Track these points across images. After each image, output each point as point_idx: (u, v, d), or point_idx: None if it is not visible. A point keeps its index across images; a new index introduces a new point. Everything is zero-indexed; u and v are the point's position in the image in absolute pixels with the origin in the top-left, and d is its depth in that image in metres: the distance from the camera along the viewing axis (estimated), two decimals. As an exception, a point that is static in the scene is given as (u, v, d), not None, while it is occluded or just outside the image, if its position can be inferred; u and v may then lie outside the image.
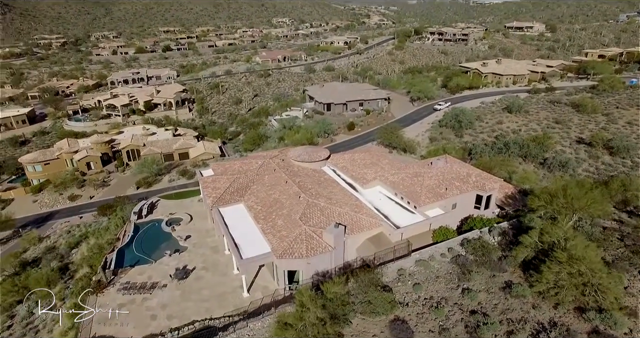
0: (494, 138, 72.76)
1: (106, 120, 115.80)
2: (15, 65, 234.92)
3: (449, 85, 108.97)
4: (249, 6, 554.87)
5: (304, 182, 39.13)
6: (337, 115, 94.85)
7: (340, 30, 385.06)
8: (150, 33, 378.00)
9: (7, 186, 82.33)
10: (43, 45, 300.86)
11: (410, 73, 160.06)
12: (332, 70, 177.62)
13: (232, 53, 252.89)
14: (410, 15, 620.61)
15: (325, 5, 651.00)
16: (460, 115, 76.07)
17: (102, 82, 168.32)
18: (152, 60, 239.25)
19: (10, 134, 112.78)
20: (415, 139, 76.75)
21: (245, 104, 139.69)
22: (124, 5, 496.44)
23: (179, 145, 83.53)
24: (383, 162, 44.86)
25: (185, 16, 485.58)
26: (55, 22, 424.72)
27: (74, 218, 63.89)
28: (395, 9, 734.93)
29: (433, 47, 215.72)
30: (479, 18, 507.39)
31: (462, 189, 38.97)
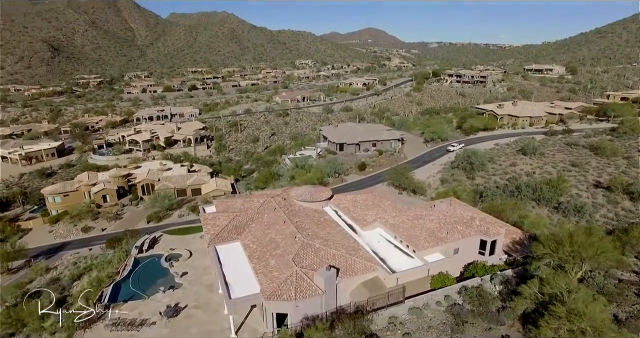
0: (506, 180, 71.23)
1: (128, 154, 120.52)
2: (55, 103, 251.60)
3: (463, 127, 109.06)
4: (274, 49, 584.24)
5: (302, 222, 38.95)
6: (349, 155, 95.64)
7: (361, 72, 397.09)
8: (179, 73, 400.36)
9: (29, 216, 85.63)
10: (82, 84, 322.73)
11: (428, 114, 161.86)
12: (349, 111, 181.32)
13: (255, 93, 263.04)
14: (430, 58, 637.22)
15: (347, 49, 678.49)
16: (472, 157, 75.34)
17: (129, 118, 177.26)
18: (178, 99, 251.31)
19: (39, 166, 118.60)
20: (426, 180, 76.06)
21: (262, 142, 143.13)
22: (157, 48, 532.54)
23: (192, 181, 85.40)
24: (385, 204, 44.40)
25: (213, 57, 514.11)
26: (95, 63, 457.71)
27: (84, 250, 65.08)
28: (416, 52, 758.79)
29: (451, 88, 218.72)
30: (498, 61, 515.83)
31: (465, 233, 37.80)
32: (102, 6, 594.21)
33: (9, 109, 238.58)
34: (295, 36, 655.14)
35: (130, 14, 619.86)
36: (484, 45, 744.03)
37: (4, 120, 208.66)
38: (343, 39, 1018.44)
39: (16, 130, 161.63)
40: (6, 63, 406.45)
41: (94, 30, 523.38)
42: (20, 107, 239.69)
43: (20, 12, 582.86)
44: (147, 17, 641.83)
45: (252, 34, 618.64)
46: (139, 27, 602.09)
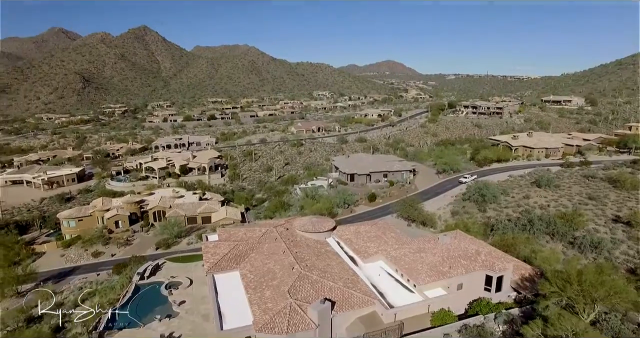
0: (519, 213, 69.28)
1: (144, 181, 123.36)
2: (81, 130, 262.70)
3: (476, 158, 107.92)
4: (292, 80, 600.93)
5: (302, 253, 38.57)
6: (360, 186, 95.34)
7: (378, 103, 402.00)
8: (200, 103, 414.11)
9: (44, 239, 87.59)
10: (107, 113, 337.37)
11: (443, 145, 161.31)
12: (364, 142, 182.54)
13: (272, 123, 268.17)
14: (447, 89, 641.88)
15: (365, 80, 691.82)
16: (484, 189, 73.99)
17: (148, 146, 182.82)
18: (197, 128, 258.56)
19: (60, 190, 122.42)
20: (437, 212, 74.75)
21: (275, 171, 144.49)
22: (180, 79, 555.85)
23: (203, 209, 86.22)
24: (388, 236, 43.68)
25: (233, 88, 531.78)
26: (121, 93, 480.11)
27: (92, 275, 65.61)
28: (433, 83, 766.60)
29: (467, 120, 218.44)
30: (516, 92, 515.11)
31: (469, 268, 36.59)
32: (132, 40, 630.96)
33: (39, 136, 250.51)
34: (314, 68, 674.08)
35: (157, 47, 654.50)
36: (501, 76, 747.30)
37: (34, 146, 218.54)
38: (361, 71, 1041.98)
39: (43, 156, 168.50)
40: (42, 94, 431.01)
41: (122, 63, 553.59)
42: (50, 135, 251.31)
43: (60, 47, 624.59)
44: (172, 50, 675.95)
45: (272, 66, 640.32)
46: (164, 59, 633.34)
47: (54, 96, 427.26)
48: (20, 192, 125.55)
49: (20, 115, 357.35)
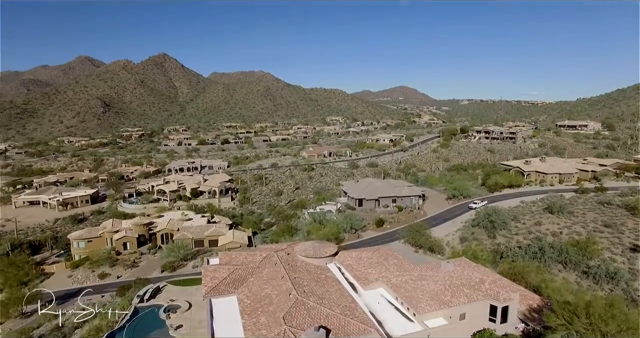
0: (530, 240, 67.24)
1: (155, 204, 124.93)
2: (99, 153, 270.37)
3: (487, 183, 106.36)
4: (306, 105, 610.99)
5: (301, 279, 38.02)
6: (368, 211, 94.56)
7: (391, 128, 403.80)
8: (215, 127, 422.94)
9: (54, 260, 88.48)
10: (125, 136, 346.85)
11: (455, 170, 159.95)
12: (375, 167, 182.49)
13: (284, 147, 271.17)
14: (461, 114, 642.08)
15: (378, 106, 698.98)
16: (493, 215, 72.40)
17: (162, 169, 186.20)
18: (210, 152, 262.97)
19: (73, 211, 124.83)
20: (445, 238, 73.26)
21: (285, 196, 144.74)
22: (196, 103, 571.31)
23: (210, 233, 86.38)
24: (390, 262, 42.83)
25: (247, 113, 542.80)
26: (139, 117, 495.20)
27: (97, 297, 65.59)
28: (446, 109, 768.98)
29: (479, 145, 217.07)
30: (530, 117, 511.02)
31: (471, 297, 35.41)
32: (152, 67, 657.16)
33: (60, 158, 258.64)
34: (327, 94, 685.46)
35: (175, 73, 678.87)
36: (515, 102, 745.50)
37: (54, 168, 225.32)
38: (375, 97, 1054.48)
39: (61, 178, 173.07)
40: (65, 118, 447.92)
41: (142, 88, 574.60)
42: (70, 157, 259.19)
43: (85, 74, 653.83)
44: (190, 76, 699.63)
45: (286, 91, 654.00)
46: (182, 85, 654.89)
47: (76, 120, 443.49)
48: (36, 212, 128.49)
49: (43, 138, 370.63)
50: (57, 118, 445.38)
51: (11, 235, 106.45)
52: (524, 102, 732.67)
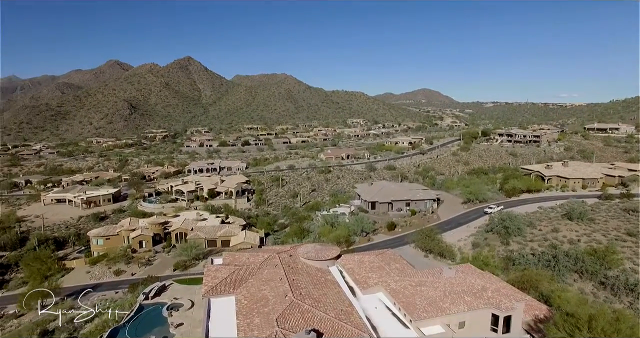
0: (545, 248, 65.04)
1: (173, 203, 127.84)
2: (125, 153, 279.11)
3: (504, 188, 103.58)
4: (327, 108, 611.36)
5: (299, 281, 38.09)
6: (381, 214, 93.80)
7: (412, 131, 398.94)
8: (236, 129, 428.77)
9: (75, 256, 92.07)
10: (149, 137, 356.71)
11: (475, 174, 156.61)
12: (392, 169, 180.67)
13: (304, 149, 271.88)
14: (485, 117, 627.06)
15: (400, 108, 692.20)
16: (507, 221, 70.43)
17: (182, 169, 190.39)
18: (231, 153, 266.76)
19: (96, 210, 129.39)
20: (457, 243, 71.82)
21: (301, 197, 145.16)
22: (219, 106, 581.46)
23: (223, 233, 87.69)
24: (392, 267, 42.33)
25: (269, 115, 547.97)
26: (164, 119, 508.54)
27: (111, 293, 67.80)
28: (470, 111, 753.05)
29: (501, 148, 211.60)
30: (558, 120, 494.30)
31: (472, 305, 34.55)
32: (176, 70, 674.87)
33: (88, 158, 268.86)
34: (349, 96, 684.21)
35: (199, 76, 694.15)
36: (542, 104, 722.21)
37: (82, 168, 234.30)
38: (397, 99, 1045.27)
39: (87, 177, 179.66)
40: (94, 119, 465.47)
41: (166, 91, 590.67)
42: (97, 157, 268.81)
43: (114, 77, 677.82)
44: (213, 78, 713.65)
45: (307, 94, 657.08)
46: (205, 87, 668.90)
47: (104, 121, 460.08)
48: (62, 209, 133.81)
49: (74, 139, 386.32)
50: (87, 119, 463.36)
51: (38, 231, 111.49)
52: (551, 105, 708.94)
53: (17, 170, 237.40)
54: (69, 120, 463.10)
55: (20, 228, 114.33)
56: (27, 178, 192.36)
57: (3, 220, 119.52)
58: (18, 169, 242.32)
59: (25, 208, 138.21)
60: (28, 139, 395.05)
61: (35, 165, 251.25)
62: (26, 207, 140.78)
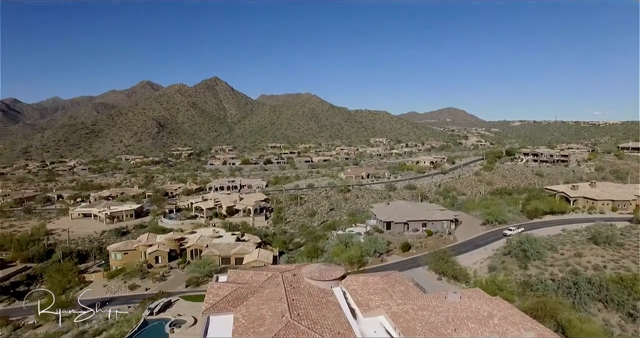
0: (566, 273, 61.70)
1: (192, 220, 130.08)
2: (151, 170, 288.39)
3: (525, 209, 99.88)
4: (350, 127, 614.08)
5: (299, 301, 37.59)
6: (396, 235, 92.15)
7: (435, 150, 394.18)
8: (260, 148, 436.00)
9: (95, 269, 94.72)
10: (175, 155, 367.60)
11: (498, 194, 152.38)
12: (413, 189, 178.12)
13: (325, 168, 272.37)
14: (511, 136, 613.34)
15: (424, 127, 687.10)
16: (526, 243, 67.54)
17: (204, 187, 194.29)
18: (253, 171, 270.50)
19: (118, 225, 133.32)
20: (473, 266, 69.32)
21: (318, 216, 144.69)
22: (244, 124, 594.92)
23: (237, 250, 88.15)
24: (396, 289, 41.20)
25: (292, 134, 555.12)
26: (190, 137, 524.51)
27: (124, 307, 68.82)
28: (496, 130, 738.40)
29: (526, 168, 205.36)
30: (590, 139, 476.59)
31: (475, 333, 32.97)
32: (203, 90, 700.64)
33: (116, 175, 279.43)
34: (372, 115, 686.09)
35: (225, 95, 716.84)
36: (573, 122, 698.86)
37: (110, 184, 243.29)
38: (421, 118, 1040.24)
39: (113, 193, 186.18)
40: (124, 137, 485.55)
41: (193, 110, 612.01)
42: (125, 173, 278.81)
43: (144, 97, 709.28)
44: (238, 98, 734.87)
45: (331, 113, 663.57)
46: (230, 106, 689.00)
47: (134, 139, 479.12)
48: (88, 224, 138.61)
49: (105, 156, 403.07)
50: (117, 137, 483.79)
51: (64, 244, 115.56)
52: (583, 123, 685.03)
53: (52, 185, 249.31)
54: (102, 138, 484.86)
55: (47, 241, 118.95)
56: (59, 193, 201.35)
57: (33, 233, 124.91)
58: (53, 184, 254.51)
59: (54, 222, 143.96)
60: (64, 155, 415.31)
61: (69, 181, 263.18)
62: (55, 220, 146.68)
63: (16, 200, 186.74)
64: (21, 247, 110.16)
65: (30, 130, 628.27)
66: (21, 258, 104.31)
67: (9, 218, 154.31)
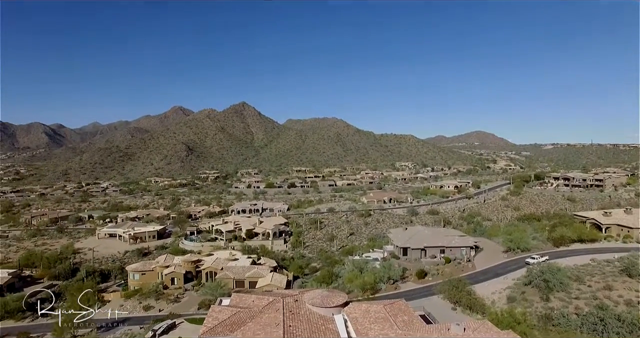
0: (593, 308, 57.46)
1: (212, 242, 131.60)
2: (178, 193, 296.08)
3: (550, 236, 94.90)
4: (375, 151, 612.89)
5: (296, 328, 36.86)
6: (413, 261, 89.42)
7: (462, 174, 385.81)
8: (285, 171, 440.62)
9: (114, 289, 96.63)
10: (202, 178, 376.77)
11: (527, 220, 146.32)
12: (435, 214, 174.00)
13: (348, 192, 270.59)
14: (543, 160, 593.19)
15: (451, 151, 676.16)
16: (547, 273, 63.77)
17: (226, 209, 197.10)
18: (277, 195, 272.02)
19: (141, 245, 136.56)
20: (491, 296, 65.89)
21: (338, 241, 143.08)
22: (270, 148, 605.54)
23: (251, 274, 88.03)
24: (398, 319, 39.66)
25: (318, 158, 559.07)
26: (217, 161, 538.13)
27: (136, 328, 69.51)
28: (527, 154, 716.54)
29: (557, 193, 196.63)
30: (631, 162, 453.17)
31: (478, 368, 31.14)
32: (232, 115, 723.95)
33: (145, 197, 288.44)
34: (398, 139, 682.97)
35: (253, 120, 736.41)
36: (610, 145, 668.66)
37: (138, 205, 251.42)
38: (449, 142, 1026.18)
39: (140, 214, 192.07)
40: (155, 160, 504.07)
41: (221, 134, 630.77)
42: (153, 195, 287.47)
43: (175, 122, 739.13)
44: (265, 122, 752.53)
45: (356, 137, 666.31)
46: (257, 131, 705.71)
47: (163, 162, 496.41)
48: (112, 244, 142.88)
49: (136, 178, 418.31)
50: (149, 160, 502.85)
51: (88, 263, 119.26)
52: (622, 145, 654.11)
53: (85, 205, 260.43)
54: (134, 161, 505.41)
55: (74, 260, 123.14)
56: (90, 213, 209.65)
57: (62, 252, 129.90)
58: (86, 204, 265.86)
59: (82, 241, 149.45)
60: (99, 177, 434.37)
61: (101, 202, 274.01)
62: (83, 240, 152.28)
63: (52, 219, 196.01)
64: (49, 265, 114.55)
65: (71, 153, 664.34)
66: (48, 276, 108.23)
67: (43, 236, 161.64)
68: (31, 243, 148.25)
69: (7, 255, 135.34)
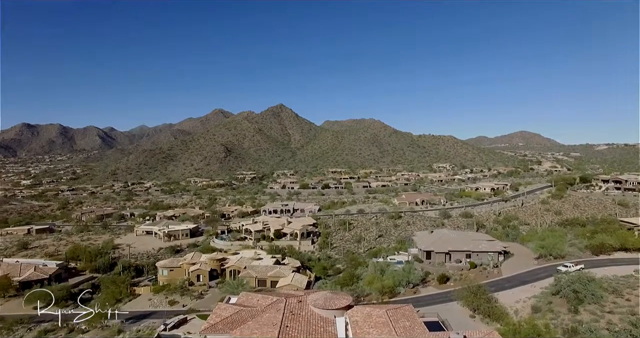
0: (628, 324, 52.92)
1: (241, 241, 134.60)
2: (215, 193, 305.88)
3: (589, 243, 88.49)
4: (412, 152, 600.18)
5: (292, 329, 37.05)
6: (436, 265, 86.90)
7: (502, 176, 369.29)
8: (320, 172, 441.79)
9: (145, 283, 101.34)
10: (239, 178, 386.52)
11: (569, 225, 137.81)
12: (469, 217, 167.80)
13: (382, 194, 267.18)
14: (595, 161, 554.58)
15: (492, 152, 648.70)
16: (577, 283, 59.51)
17: (258, 209, 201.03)
18: (310, 196, 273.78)
19: (174, 243, 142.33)
20: (514, 305, 62.54)
21: (365, 243, 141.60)
22: (306, 150, 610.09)
23: (273, 273, 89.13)
24: (399, 324, 38.75)
25: (353, 159, 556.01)
26: (255, 162, 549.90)
27: (159, 321, 72.59)
28: (577, 154, 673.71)
29: (605, 196, 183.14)
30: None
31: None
32: (269, 117, 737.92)
33: (184, 196, 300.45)
34: (436, 140, 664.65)
35: (290, 122, 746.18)
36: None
37: (177, 204, 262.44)
38: (491, 143, 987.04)
39: (177, 213, 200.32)
40: (195, 161, 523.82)
41: (259, 136, 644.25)
42: (191, 195, 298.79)
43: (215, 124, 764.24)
44: (302, 124, 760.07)
45: (393, 138, 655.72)
46: (294, 132, 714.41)
47: (203, 163, 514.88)
48: (149, 240, 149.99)
49: (177, 179, 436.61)
50: (189, 161, 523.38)
51: (125, 258, 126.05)
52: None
53: (129, 204, 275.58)
54: (176, 161, 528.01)
55: (113, 255, 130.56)
56: (132, 211, 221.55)
57: (103, 247, 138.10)
58: (130, 203, 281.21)
59: (122, 237, 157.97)
60: (143, 177, 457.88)
61: (143, 200, 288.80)
62: (123, 236, 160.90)
63: (98, 216, 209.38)
64: (91, 259, 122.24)
65: (120, 154, 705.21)
66: (90, 269, 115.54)
67: (89, 232, 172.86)
68: (78, 238, 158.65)
69: (58, 248, 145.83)
